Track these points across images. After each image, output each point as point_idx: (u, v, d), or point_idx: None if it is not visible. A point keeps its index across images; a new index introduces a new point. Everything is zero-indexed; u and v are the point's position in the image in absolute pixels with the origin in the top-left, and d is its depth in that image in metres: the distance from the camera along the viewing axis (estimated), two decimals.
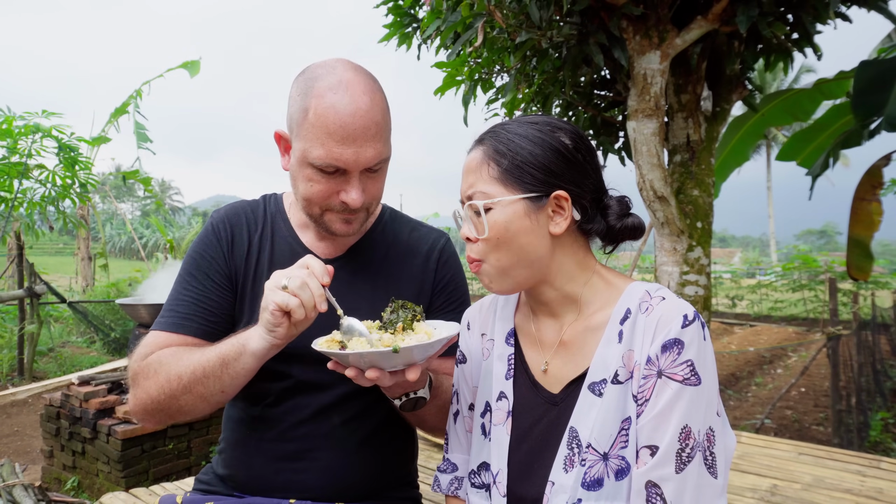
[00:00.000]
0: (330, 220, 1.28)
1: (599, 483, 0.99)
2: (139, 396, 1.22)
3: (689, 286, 4.06)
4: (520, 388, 1.14)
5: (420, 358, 1.06)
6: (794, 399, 7.11)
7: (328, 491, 1.32)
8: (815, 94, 5.07)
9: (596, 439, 1.00)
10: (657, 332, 0.99)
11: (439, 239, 1.50)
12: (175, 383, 1.17)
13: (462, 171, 1.12)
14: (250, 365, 1.15)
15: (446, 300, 1.46)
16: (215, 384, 1.16)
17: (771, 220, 44.87)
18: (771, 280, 16.75)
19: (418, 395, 1.22)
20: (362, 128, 1.18)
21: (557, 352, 1.11)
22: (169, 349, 1.24)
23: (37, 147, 6.76)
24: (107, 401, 3.77)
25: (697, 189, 4.09)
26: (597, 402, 1.02)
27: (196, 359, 1.18)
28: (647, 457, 0.96)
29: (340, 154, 1.17)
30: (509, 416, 1.12)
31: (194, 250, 1.39)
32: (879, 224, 4.52)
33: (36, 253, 29.22)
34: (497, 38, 3.98)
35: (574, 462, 1.01)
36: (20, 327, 7.31)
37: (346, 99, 1.18)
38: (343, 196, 1.22)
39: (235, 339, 1.16)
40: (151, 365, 1.21)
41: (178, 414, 1.21)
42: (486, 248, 1.06)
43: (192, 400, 1.17)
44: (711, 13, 3.44)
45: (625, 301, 1.06)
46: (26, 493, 3.36)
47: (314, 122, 1.18)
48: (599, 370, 1.04)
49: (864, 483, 2.26)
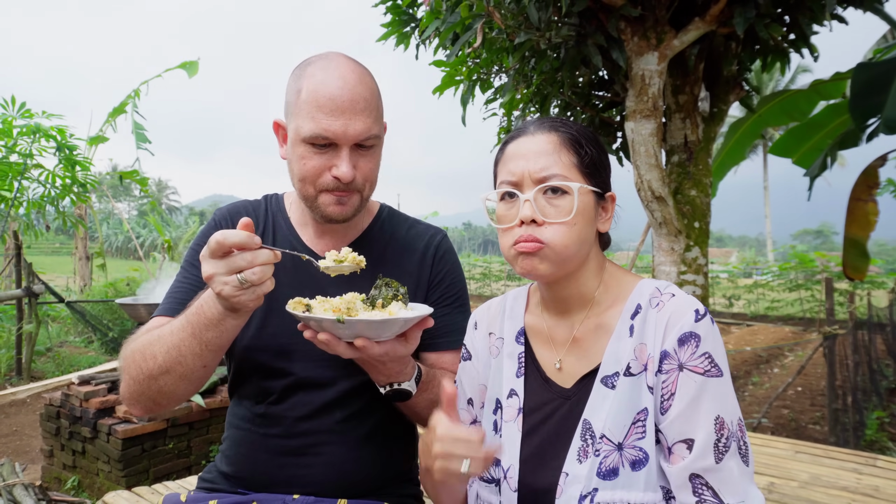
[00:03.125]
0: (324, 202, 1.29)
1: (615, 473, 1.01)
2: (125, 381, 1.21)
3: (687, 286, 4.08)
4: (531, 385, 1.17)
5: (373, 334, 1.08)
6: (791, 398, 7.15)
7: (331, 486, 1.33)
8: (811, 94, 5.10)
9: (610, 430, 1.03)
10: (669, 326, 1.02)
11: (436, 235, 1.53)
12: (151, 364, 1.16)
13: (521, 153, 1.11)
14: (232, 335, 1.15)
15: (442, 294, 1.47)
16: (196, 361, 1.15)
17: (767, 219, 44.96)
18: (767, 280, 16.81)
19: (402, 387, 1.24)
20: (350, 101, 1.23)
21: (570, 349, 1.14)
22: (151, 330, 1.24)
23: (36, 147, 6.78)
24: (107, 400, 3.78)
25: (695, 189, 4.11)
26: (610, 395, 1.04)
27: (168, 337, 1.16)
28: (685, 451, 0.97)
29: (329, 125, 1.21)
30: (520, 413, 1.14)
31: (196, 243, 1.41)
32: (875, 224, 4.54)
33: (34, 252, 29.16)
34: (496, 38, 4.00)
35: (588, 453, 1.03)
36: (18, 327, 7.30)
37: (335, 74, 1.24)
38: (334, 171, 1.25)
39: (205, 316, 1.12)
40: (134, 347, 1.21)
41: (161, 396, 1.19)
42: (559, 231, 1.05)
43: (172, 381, 1.17)
44: (709, 15, 3.46)
45: (635, 297, 1.10)
46: (27, 493, 3.37)
47: (305, 98, 1.23)
48: (611, 364, 1.06)
49: (861, 481, 2.28)
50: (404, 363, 1.22)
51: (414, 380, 1.26)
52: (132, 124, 9.22)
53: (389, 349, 1.13)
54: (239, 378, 1.43)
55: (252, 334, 1.35)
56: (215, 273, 1.02)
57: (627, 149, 4.00)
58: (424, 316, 1.13)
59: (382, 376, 1.21)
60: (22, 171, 6.67)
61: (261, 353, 1.35)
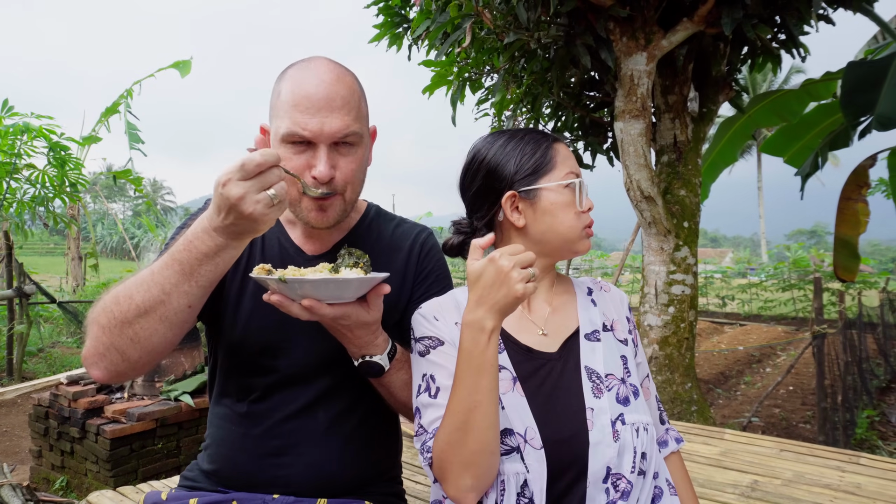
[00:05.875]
0: (306, 207, 1.28)
1: (627, 400, 1.20)
2: (90, 336, 1.12)
3: (676, 285, 4.10)
4: (515, 358, 1.22)
5: (317, 294, 1.09)
6: (783, 397, 7.18)
7: (312, 486, 1.33)
8: (802, 94, 5.12)
9: (611, 368, 1.23)
10: (621, 302, 1.37)
11: (422, 233, 1.54)
12: (126, 305, 1.08)
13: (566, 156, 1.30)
14: (227, 266, 1.12)
15: (427, 289, 1.47)
16: (181, 300, 1.10)
17: (762, 220, 45.16)
18: (761, 280, 16.86)
19: (374, 360, 1.24)
20: (326, 98, 1.22)
21: (550, 318, 1.29)
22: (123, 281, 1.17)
23: (27, 147, 6.75)
24: (95, 400, 3.77)
25: (684, 189, 4.13)
26: (598, 346, 1.25)
27: (147, 276, 1.10)
28: (647, 382, 1.34)
29: (306, 123, 1.21)
30: (516, 381, 1.19)
31: (175, 235, 1.35)
32: (866, 224, 4.56)
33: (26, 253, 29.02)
34: (486, 38, 4.01)
35: (602, 388, 1.19)
36: (9, 328, 7.27)
37: (312, 74, 1.24)
38: (312, 171, 1.23)
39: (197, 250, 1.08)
40: (101, 302, 1.13)
41: (133, 347, 1.10)
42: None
43: (149, 324, 1.09)
44: (697, 15, 3.48)
45: (577, 283, 1.39)
46: (14, 493, 3.36)
47: (284, 99, 1.23)
48: (587, 325, 1.28)
49: (843, 478, 2.29)
50: (373, 333, 1.22)
51: (387, 354, 1.26)
52: (125, 124, 9.21)
53: (346, 312, 1.13)
54: (222, 376, 1.42)
55: (239, 331, 1.34)
56: (246, 192, 1.01)
57: (617, 149, 4.01)
58: (373, 277, 1.13)
59: (354, 346, 1.22)
60: (11, 171, 6.64)
61: (246, 350, 1.35)
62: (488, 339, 1.03)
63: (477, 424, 1.03)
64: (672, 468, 1.35)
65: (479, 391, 1.03)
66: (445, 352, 1.23)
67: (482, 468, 1.05)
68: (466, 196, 1.35)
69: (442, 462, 1.08)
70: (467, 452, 1.04)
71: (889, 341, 8.35)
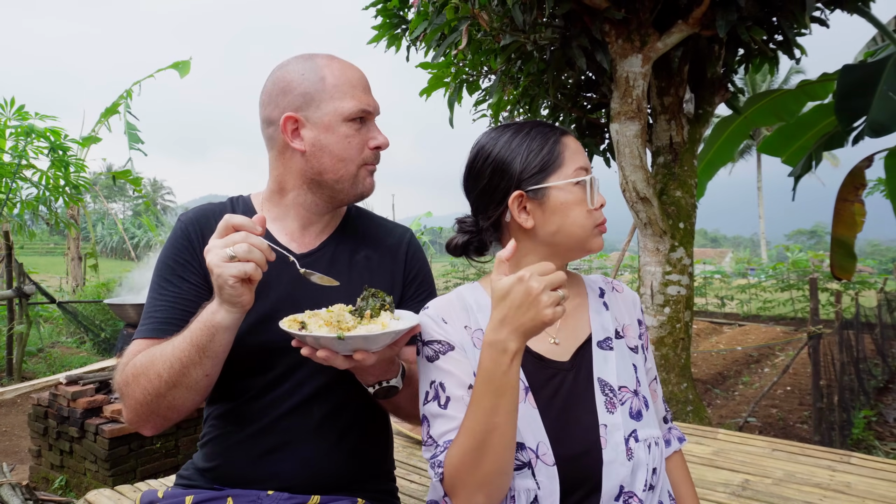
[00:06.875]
0: (362, 175, 1.40)
1: (640, 415, 1.17)
2: (129, 405, 1.24)
3: (672, 286, 4.12)
4: (526, 367, 1.17)
5: (370, 346, 1.11)
6: (780, 397, 7.19)
7: (306, 482, 1.35)
8: (799, 95, 5.13)
9: (624, 380, 1.19)
10: (633, 304, 1.34)
11: (405, 233, 1.59)
12: (157, 382, 1.19)
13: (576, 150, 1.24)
14: (227, 340, 1.19)
15: (416, 291, 1.53)
16: (198, 371, 1.19)
17: (761, 220, 45.10)
18: (760, 280, 16.86)
19: (391, 384, 1.27)
20: (365, 81, 1.41)
21: (563, 325, 1.25)
22: (143, 353, 1.26)
23: (30, 148, 6.78)
24: (94, 400, 3.78)
25: (680, 190, 4.14)
26: (610, 356, 1.21)
27: (170, 353, 1.20)
28: (656, 385, 1.34)
29: (368, 100, 1.38)
30: (528, 392, 1.15)
31: (166, 255, 1.40)
32: (862, 225, 4.58)
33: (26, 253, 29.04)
34: (482, 40, 4.03)
35: (615, 402, 1.15)
36: (9, 328, 7.29)
37: (337, 62, 1.38)
38: (372, 142, 1.39)
39: (202, 323, 1.18)
40: (130, 372, 1.24)
41: (171, 411, 1.24)
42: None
43: (180, 394, 1.20)
44: (692, 17, 3.49)
45: (589, 283, 1.33)
46: (14, 493, 3.38)
47: (336, 82, 1.35)
48: (600, 332, 1.24)
49: (834, 477, 2.31)
50: (394, 362, 1.25)
51: (400, 376, 1.28)
52: (125, 124, 9.23)
53: (381, 355, 1.16)
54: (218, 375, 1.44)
55: (238, 337, 1.36)
56: (212, 247, 1.11)
57: (614, 150, 4.03)
58: (417, 324, 1.18)
59: (371, 377, 1.24)
60: (14, 172, 6.66)
61: (243, 351, 1.36)
62: (510, 361, 0.98)
63: (494, 447, 0.99)
64: (674, 467, 1.35)
65: (497, 413, 0.99)
66: (455, 357, 1.18)
67: (495, 486, 1.02)
68: (471, 195, 1.28)
69: (455, 480, 1.04)
70: (482, 473, 1.00)
71: (887, 341, 8.38)
